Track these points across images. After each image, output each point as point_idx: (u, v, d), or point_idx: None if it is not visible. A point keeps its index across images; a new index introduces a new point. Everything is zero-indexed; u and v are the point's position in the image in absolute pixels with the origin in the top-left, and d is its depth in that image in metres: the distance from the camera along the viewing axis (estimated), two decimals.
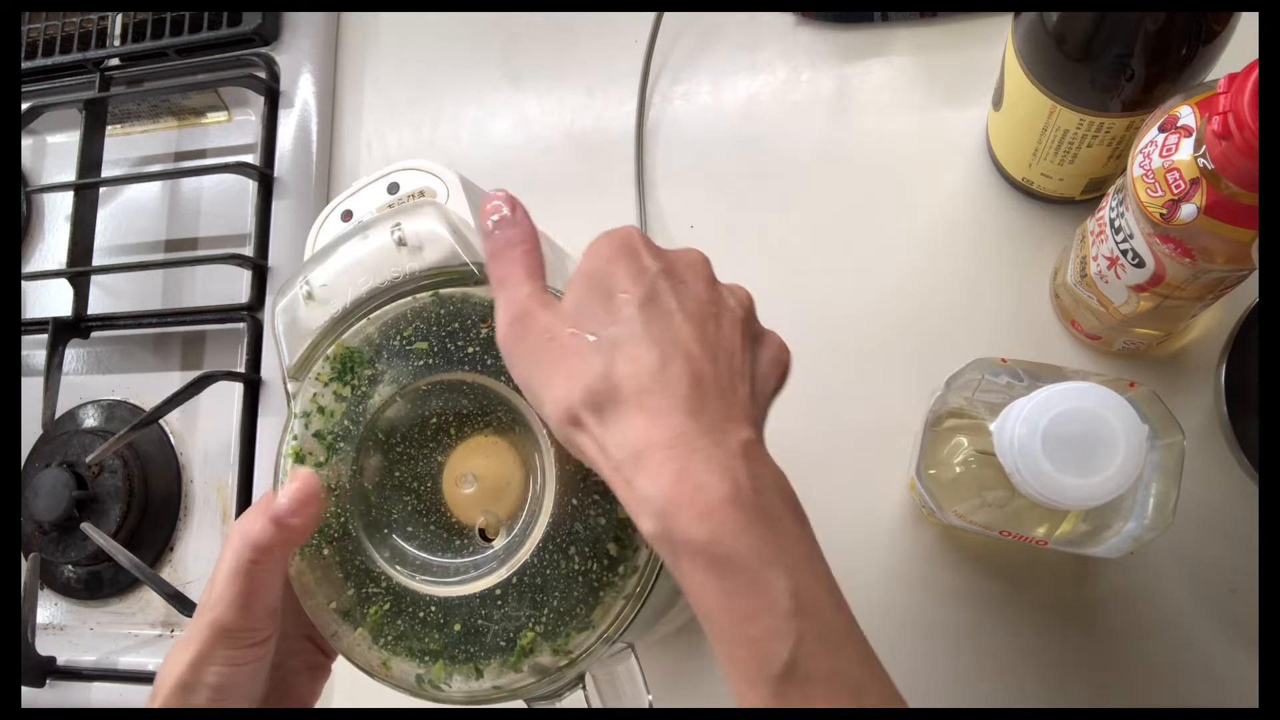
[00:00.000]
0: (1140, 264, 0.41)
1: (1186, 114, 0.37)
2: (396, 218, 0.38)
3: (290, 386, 0.38)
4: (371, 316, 0.37)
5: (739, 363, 0.31)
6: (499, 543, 0.36)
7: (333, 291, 0.37)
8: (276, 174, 0.67)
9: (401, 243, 0.37)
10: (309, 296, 0.37)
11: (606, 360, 0.30)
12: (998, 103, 0.50)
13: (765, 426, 0.33)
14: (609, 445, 0.30)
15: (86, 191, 0.69)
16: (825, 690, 0.27)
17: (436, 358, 0.36)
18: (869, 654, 0.29)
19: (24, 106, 0.71)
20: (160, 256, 0.71)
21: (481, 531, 0.37)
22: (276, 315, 0.38)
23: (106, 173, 0.71)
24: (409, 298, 0.37)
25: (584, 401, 0.30)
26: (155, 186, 0.72)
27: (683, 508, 0.28)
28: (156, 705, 0.35)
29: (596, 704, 0.36)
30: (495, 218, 0.35)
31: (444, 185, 0.47)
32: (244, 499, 0.62)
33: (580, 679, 0.35)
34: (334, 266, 0.38)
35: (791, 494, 0.30)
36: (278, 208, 0.67)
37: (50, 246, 0.75)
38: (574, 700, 0.36)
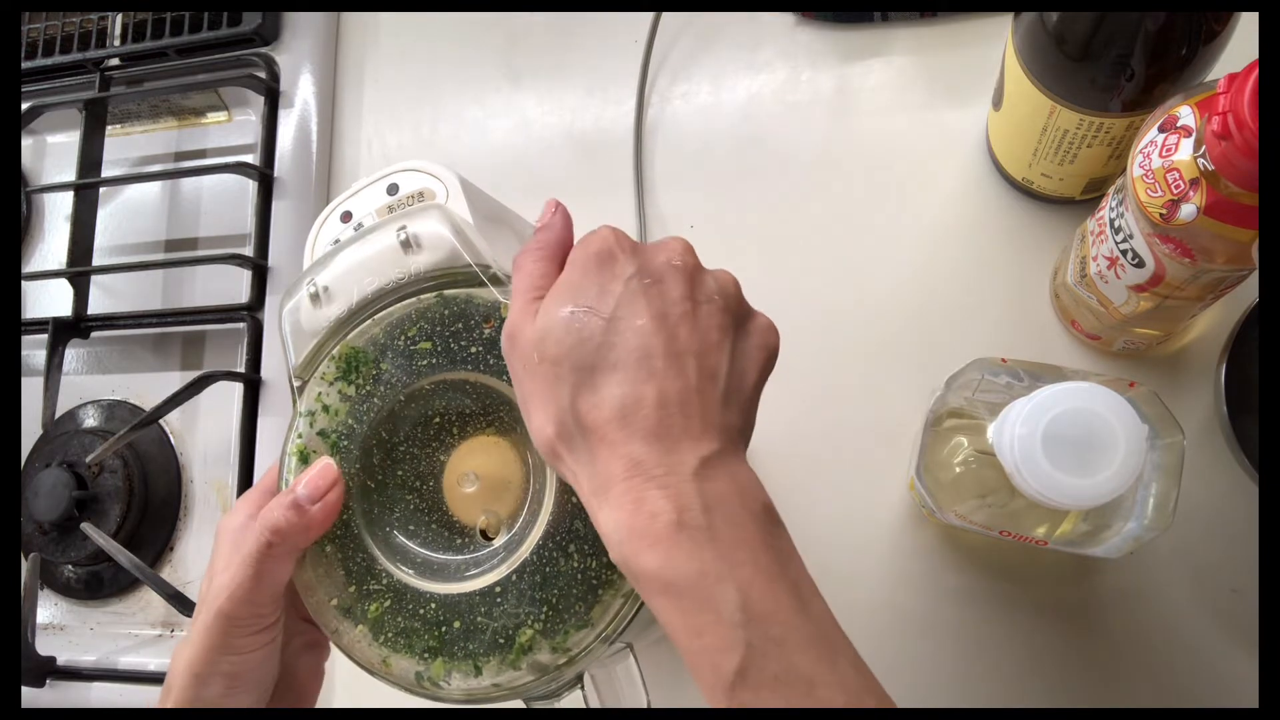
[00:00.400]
0: (1140, 264, 0.41)
1: (1186, 114, 0.37)
2: (402, 220, 0.38)
3: (296, 385, 0.38)
4: (376, 317, 0.37)
5: (713, 360, 0.31)
6: (499, 540, 0.36)
7: (339, 292, 0.38)
8: (276, 174, 0.67)
9: (407, 244, 0.37)
10: (315, 297, 0.38)
11: (572, 391, 0.30)
12: (998, 103, 0.50)
13: (755, 415, 0.33)
14: (580, 477, 0.31)
15: (86, 191, 0.69)
16: (773, 691, 0.28)
17: (440, 357, 0.36)
18: (835, 650, 0.29)
19: (24, 106, 0.71)
20: (160, 256, 0.71)
21: (483, 531, 0.37)
22: (283, 316, 0.38)
23: (106, 173, 0.71)
24: (414, 298, 0.37)
25: (557, 434, 0.31)
26: (155, 186, 0.72)
27: (636, 538, 0.29)
28: (171, 700, 0.35)
29: (595, 704, 0.36)
30: (536, 224, 0.35)
31: (444, 186, 0.47)
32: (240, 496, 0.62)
33: (579, 679, 0.35)
34: (340, 267, 0.38)
35: (757, 502, 0.30)
36: (278, 208, 0.67)
37: (50, 246, 0.75)
38: (573, 700, 0.36)
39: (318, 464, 0.36)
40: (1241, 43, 0.40)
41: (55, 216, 0.75)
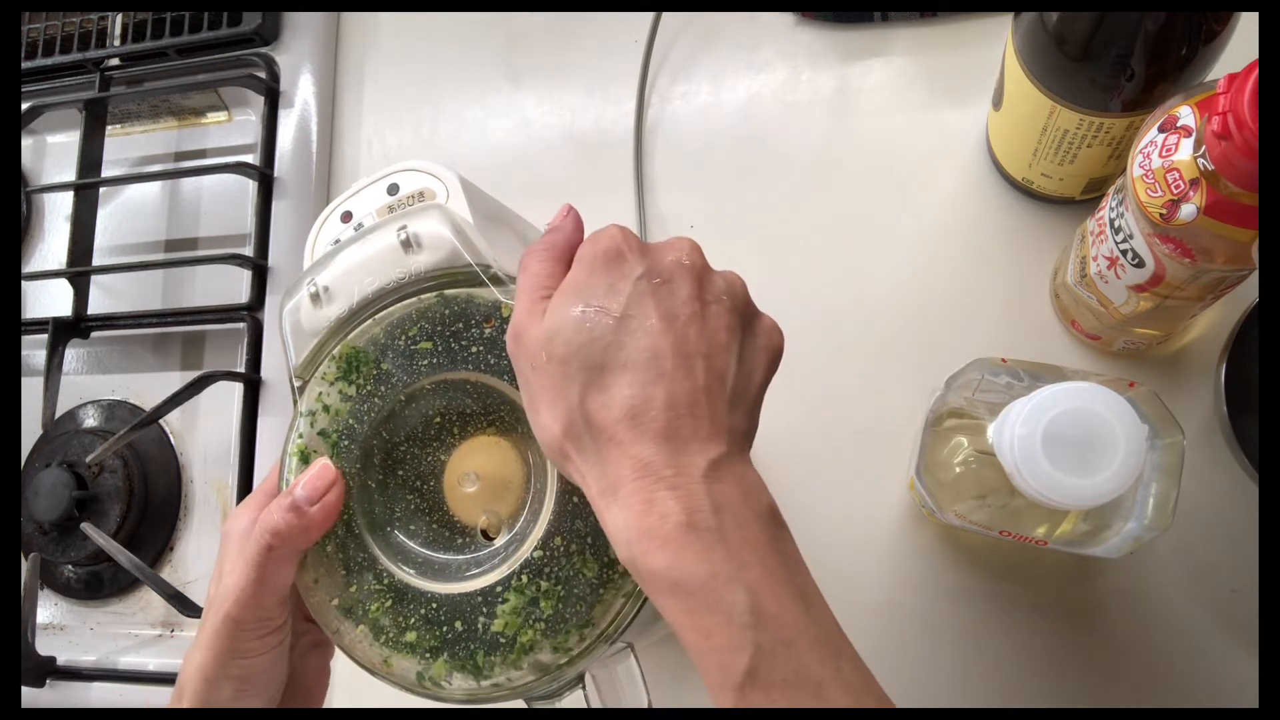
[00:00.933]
0: (1140, 264, 0.41)
1: (1186, 114, 0.37)
2: (403, 220, 0.38)
3: (296, 385, 0.38)
4: (377, 317, 0.37)
5: (721, 361, 0.31)
6: (500, 540, 0.36)
7: (339, 292, 0.38)
8: (276, 174, 0.67)
9: (407, 244, 0.37)
10: (316, 297, 0.38)
11: (581, 391, 0.30)
12: (998, 103, 0.50)
13: (759, 416, 0.33)
14: (588, 477, 0.31)
15: (86, 191, 0.69)
16: (783, 692, 0.28)
17: (440, 357, 0.36)
18: (840, 652, 0.29)
19: (24, 106, 0.71)
20: (160, 256, 0.71)
21: (484, 531, 0.37)
22: (284, 316, 0.38)
23: (106, 173, 0.71)
24: (414, 298, 0.37)
25: (565, 434, 0.31)
26: (155, 186, 0.72)
27: (646, 538, 0.29)
28: (185, 703, 0.35)
29: (596, 704, 0.36)
30: (547, 226, 0.35)
31: (444, 186, 0.47)
32: (244, 499, 0.62)
33: (580, 679, 0.35)
34: (341, 267, 0.38)
35: (762, 504, 0.30)
36: (278, 208, 0.67)
37: (50, 246, 0.75)
38: (574, 700, 0.36)
39: (315, 465, 0.36)
40: (1241, 43, 0.40)
41: (55, 216, 0.75)
